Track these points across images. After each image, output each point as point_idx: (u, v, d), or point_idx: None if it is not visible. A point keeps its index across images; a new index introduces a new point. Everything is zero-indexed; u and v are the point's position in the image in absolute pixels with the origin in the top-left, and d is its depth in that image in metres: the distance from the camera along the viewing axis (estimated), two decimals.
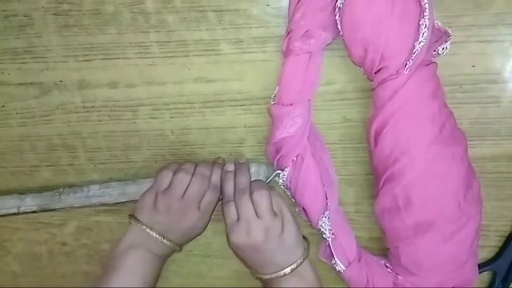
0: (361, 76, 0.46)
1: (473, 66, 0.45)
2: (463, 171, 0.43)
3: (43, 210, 0.51)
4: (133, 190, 0.50)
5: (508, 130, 0.47)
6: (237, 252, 0.44)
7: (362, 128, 0.49)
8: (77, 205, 0.51)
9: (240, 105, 0.49)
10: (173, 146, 0.52)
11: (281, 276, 0.43)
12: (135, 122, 0.51)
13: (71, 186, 0.52)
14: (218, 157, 0.50)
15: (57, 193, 0.51)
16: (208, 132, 0.51)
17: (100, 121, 0.51)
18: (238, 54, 0.47)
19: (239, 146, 0.51)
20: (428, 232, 0.43)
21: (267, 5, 0.45)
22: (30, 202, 0.51)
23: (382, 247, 0.50)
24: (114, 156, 0.53)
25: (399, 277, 0.47)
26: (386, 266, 0.49)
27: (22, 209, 0.51)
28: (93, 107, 0.51)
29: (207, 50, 0.47)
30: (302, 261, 0.43)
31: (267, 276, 0.43)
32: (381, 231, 0.47)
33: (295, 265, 0.43)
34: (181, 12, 0.46)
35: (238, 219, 0.43)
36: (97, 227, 0.57)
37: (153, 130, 0.51)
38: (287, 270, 0.43)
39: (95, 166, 0.53)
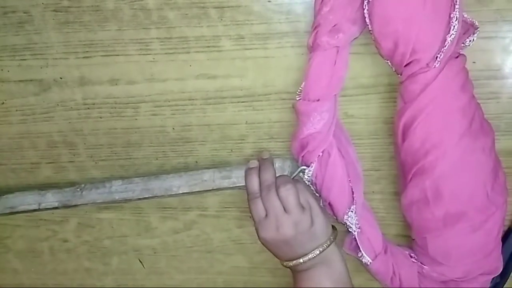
0: (361, 73, 0.47)
1: (474, 62, 0.45)
2: (491, 162, 0.43)
3: (65, 207, 0.51)
4: (156, 185, 0.50)
5: (508, 126, 0.48)
6: (267, 246, 0.45)
7: (363, 124, 0.49)
8: (99, 201, 0.50)
9: (242, 102, 0.49)
10: (174, 143, 0.52)
11: (309, 261, 0.44)
12: (136, 119, 0.51)
13: (92, 182, 0.51)
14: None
15: (78, 189, 0.50)
16: (209, 128, 0.51)
17: (100, 118, 0.51)
18: (240, 51, 0.47)
19: (240, 143, 0.51)
20: (458, 223, 0.44)
21: (269, 1, 0.45)
22: (51, 198, 0.51)
23: (409, 245, 0.50)
24: (115, 153, 0.53)
25: (425, 267, 0.47)
26: (411, 256, 0.49)
27: (43, 206, 0.51)
28: (93, 104, 0.50)
29: (209, 46, 0.47)
30: (328, 244, 0.44)
31: (294, 262, 0.44)
32: (406, 224, 0.48)
33: (321, 248, 0.44)
34: (182, 8, 0.46)
35: (266, 215, 0.43)
36: (98, 224, 0.57)
37: (154, 127, 0.51)
38: (316, 252, 0.43)
39: (95, 163, 0.53)
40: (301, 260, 0.44)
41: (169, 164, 0.53)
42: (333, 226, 0.47)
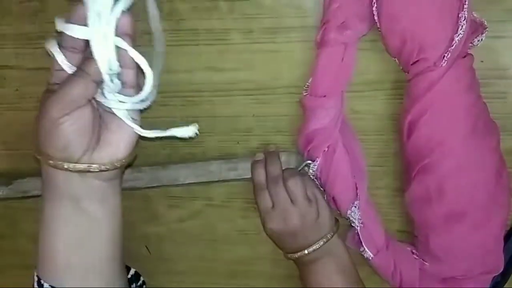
0: (368, 69, 0.47)
1: (481, 61, 0.45)
2: (495, 162, 0.44)
3: None
4: (164, 175, 0.51)
5: None
6: (273, 237, 0.46)
7: (369, 121, 0.49)
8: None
9: (249, 95, 0.50)
10: None
11: (313, 253, 0.44)
12: (144, 109, 0.52)
13: None
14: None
15: None
16: (217, 120, 0.51)
17: None
18: (249, 44, 0.48)
19: (247, 135, 0.52)
20: (460, 221, 0.44)
21: None
22: None
23: (412, 242, 0.51)
24: None
25: (426, 263, 0.48)
26: (413, 253, 0.50)
27: None
28: None
29: (218, 39, 0.48)
30: (332, 235, 0.45)
31: (299, 253, 0.45)
32: (410, 221, 0.48)
33: (325, 239, 0.44)
34: (192, 1, 0.47)
35: (272, 206, 0.44)
36: None
37: (162, 117, 0.52)
38: (320, 242, 0.44)
39: None
40: (305, 252, 0.45)
41: (177, 154, 0.53)
42: (336, 219, 0.47)
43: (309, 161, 0.48)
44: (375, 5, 0.41)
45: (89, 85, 0.34)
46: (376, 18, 0.41)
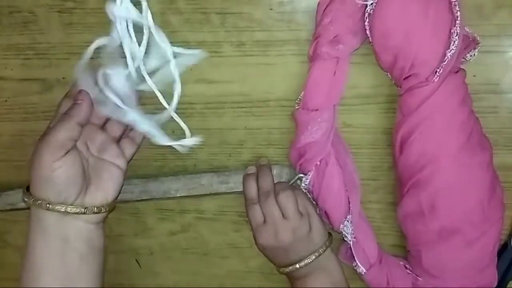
0: (360, 83, 0.47)
1: (474, 76, 0.45)
2: (488, 178, 0.43)
3: None
4: (154, 188, 0.50)
5: (506, 141, 0.47)
6: (264, 252, 0.46)
7: (362, 134, 0.49)
8: None
9: (241, 108, 0.49)
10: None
11: (305, 267, 0.44)
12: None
13: None
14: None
15: None
16: (209, 132, 0.51)
17: None
18: (240, 57, 0.47)
19: (239, 148, 0.51)
20: (452, 237, 0.44)
21: (271, 9, 0.45)
22: None
23: (405, 256, 0.50)
24: None
25: (419, 278, 0.48)
26: (406, 268, 0.49)
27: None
28: None
29: (210, 52, 0.47)
30: (324, 249, 0.44)
31: (290, 268, 0.44)
32: (403, 235, 0.48)
33: (317, 253, 0.44)
34: (184, 13, 0.46)
35: (264, 221, 0.43)
36: None
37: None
38: (312, 257, 0.44)
39: None
40: (297, 266, 0.44)
41: (168, 166, 0.53)
42: (329, 233, 0.47)
43: (301, 175, 0.47)
44: (367, 20, 0.41)
45: (74, 127, 0.38)
46: (368, 33, 0.41)
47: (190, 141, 0.44)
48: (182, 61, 0.45)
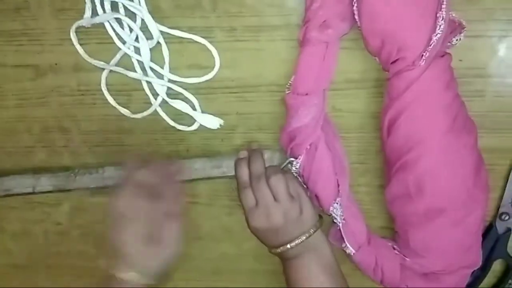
0: (350, 67, 0.48)
1: (460, 60, 0.46)
2: (473, 159, 0.44)
3: (59, 190, 0.52)
4: None
5: (492, 123, 0.48)
6: (257, 234, 0.46)
7: (351, 118, 0.50)
8: (92, 186, 0.52)
9: (233, 93, 0.50)
10: (166, 131, 0.53)
11: (296, 248, 0.45)
12: (129, 106, 0.52)
13: (86, 167, 0.52)
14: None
15: (72, 174, 0.52)
16: None
17: (94, 104, 0.52)
18: (232, 42, 0.48)
19: (231, 133, 0.52)
20: (438, 218, 0.45)
21: None
22: (45, 182, 0.52)
23: (393, 237, 0.51)
24: (108, 140, 0.54)
25: (407, 259, 0.49)
26: (394, 248, 0.50)
27: (38, 189, 0.52)
28: (87, 90, 0.51)
29: (201, 37, 0.48)
30: (315, 230, 0.46)
31: (281, 248, 0.45)
32: (391, 217, 0.49)
33: (307, 234, 0.45)
34: None
35: (256, 204, 0.44)
36: (91, 208, 0.58)
37: (145, 116, 0.52)
38: (302, 237, 0.45)
39: (89, 148, 0.54)
40: (288, 246, 0.45)
41: (161, 151, 0.54)
42: (319, 215, 0.48)
43: (292, 159, 0.48)
44: (356, 5, 0.41)
45: None
46: (356, 17, 0.42)
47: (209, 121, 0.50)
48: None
